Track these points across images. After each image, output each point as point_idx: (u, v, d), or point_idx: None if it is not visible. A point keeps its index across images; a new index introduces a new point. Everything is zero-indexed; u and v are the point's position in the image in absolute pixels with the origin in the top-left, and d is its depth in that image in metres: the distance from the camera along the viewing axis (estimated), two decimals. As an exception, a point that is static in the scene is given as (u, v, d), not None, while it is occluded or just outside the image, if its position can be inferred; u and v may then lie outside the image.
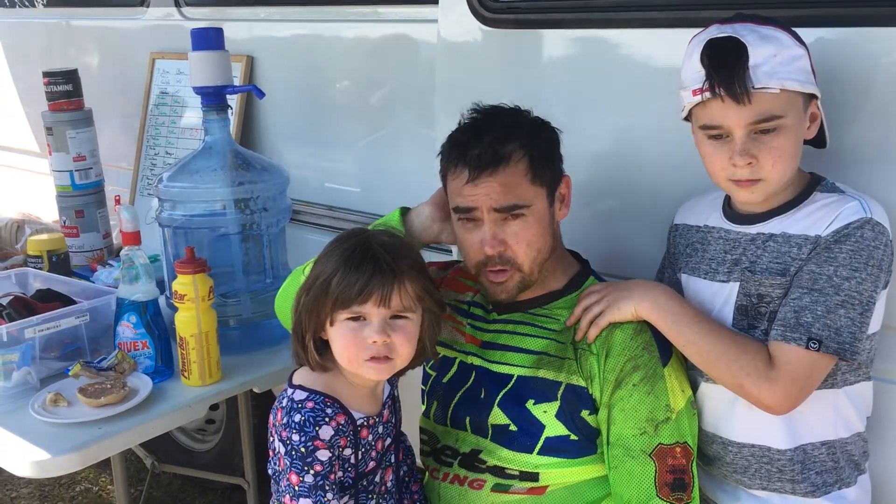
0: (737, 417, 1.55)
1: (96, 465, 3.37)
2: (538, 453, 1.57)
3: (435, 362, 1.75)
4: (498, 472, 1.61)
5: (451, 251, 2.19)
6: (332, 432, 1.43)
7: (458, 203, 1.59)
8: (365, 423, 1.50)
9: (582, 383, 1.56)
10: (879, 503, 1.62)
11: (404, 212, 1.75)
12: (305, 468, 1.40)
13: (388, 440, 1.57)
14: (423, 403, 1.78)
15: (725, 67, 1.39)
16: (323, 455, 1.41)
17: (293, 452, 1.41)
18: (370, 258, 1.44)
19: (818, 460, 1.52)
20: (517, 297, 1.65)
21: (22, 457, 1.69)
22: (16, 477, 2.95)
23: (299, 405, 1.44)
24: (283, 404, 1.46)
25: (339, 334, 1.46)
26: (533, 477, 1.58)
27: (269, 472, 1.49)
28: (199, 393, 1.93)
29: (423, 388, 1.78)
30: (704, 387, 1.58)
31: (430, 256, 2.05)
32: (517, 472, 1.59)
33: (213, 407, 3.17)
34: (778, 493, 1.55)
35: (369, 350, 1.44)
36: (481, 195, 1.55)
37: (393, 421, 1.60)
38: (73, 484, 3.43)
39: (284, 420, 1.44)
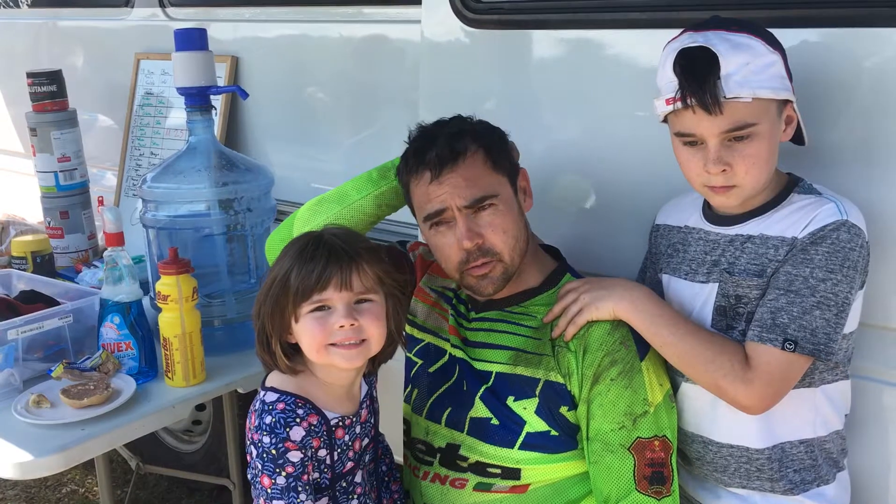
0: (716, 417, 1.55)
1: (82, 467, 3.36)
2: (519, 448, 1.57)
3: (419, 349, 1.76)
4: (479, 469, 1.61)
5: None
6: (304, 433, 1.42)
7: (427, 209, 1.60)
8: (340, 424, 1.49)
9: (560, 380, 1.57)
10: (859, 500, 1.63)
11: None
12: (277, 470, 1.40)
13: (367, 440, 1.57)
14: (404, 390, 1.79)
15: (697, 78, 1.39)
16: (294, 456, 1.40)
17: (264, 455, 1.41)
18: (324, 246, 1.45)
19: (796, 458, 1.53)
20: (495, 295, 1.66)
21: (5, 458, 1.69)
22: (1, 479, 2.95)
23: (270, 407, 1.43)
24: (256, 407, 1.46)
25: (306, 327, 1.45)
26: (514, 474, 1.58)
27: (249, 477, 1.47)
28: (182, 394, 1.93)
29: (407, 374, 1.79)
30: (685, 387, 1.59)
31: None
32: (499, 470, 1.59)
33: (200, 408, 3.17)
34: (758, 492, 1.56)
35: (337, 336, 1.44)
36: (447, 192, 1.57)
37: (372, 421, 1.59)
38: (59, 486, 3.42)
39: (256, 422, 1.43)
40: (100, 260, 2.68)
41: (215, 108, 2.24)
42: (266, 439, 1.40)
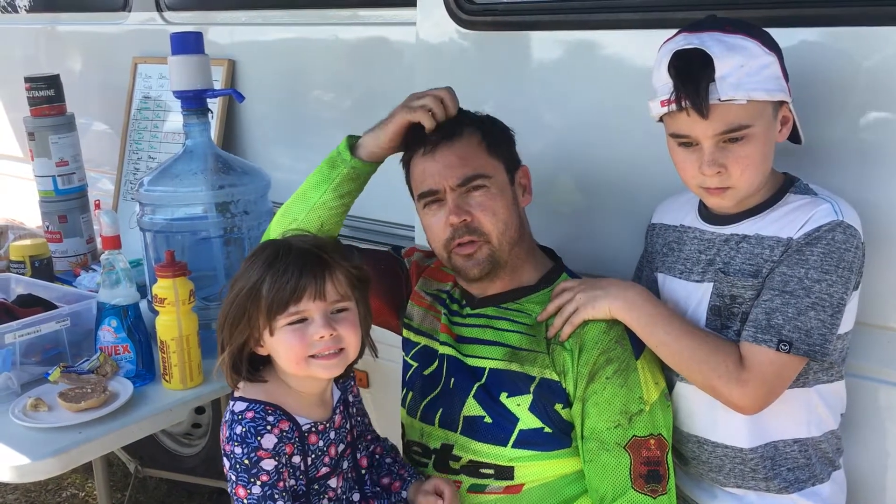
0: (711, 417, 1.56)
1: (83, 471, 3.36)
2: (512, 446, 1.57)
3: (416, 352, 1.76)
4: (472, 470, 1.61)
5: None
6: (276, 440, 1.39)
7: (421, 188, 1.63)
8: (313, 429, 1.47)
9: (555, 377, 1.57)
10: (855, 498, 1.63)
11: (352, 140, 1.75)
12: (252, 479, 1.37)
13: (342, 446, 1.54)
14: (401, 393, 1.79)
15: (691, 81, 1.39)
16: (268, 465, 1.38)
17: (237, 466, 1.38)
18: (295, 255, 1.42)
19: (789, 457, 1.53)
20: (489, 289, 1.67)
21: (2, 462, 1.69)
22: (2, 483, 2.95)
23: (239, 416, 1.41)
24: (227, 418, 1.43)
25: (283, 340, 1.41)
26: (508, 473, 1.58)
27: (229, 489, 1.44)
28: (180, 396, 1.93)
29: (404, 378, 1.79)
30: (680, 387, 1.59)
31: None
32: (492, 470, 1.59)
33: (199, 411, 3.17)
34: (753, 491, 1.56)
35: (317, 347, 1.41)
36: (440, 170, 1.60)
37: (347, 427, 1.57)
38: (59, 490, 3.43)
39: (227, 433, 1.40)
40: (98, 264, 2.68)
41: (212, 112, 2.25)
42: (238, 450, 1.38)
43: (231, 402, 1.46)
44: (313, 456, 1.46)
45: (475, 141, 1.62)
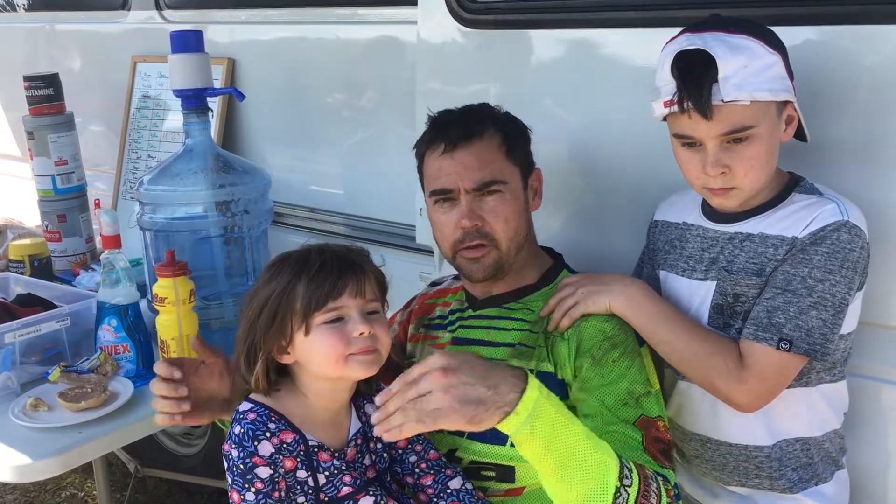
0: (715, 416, 1.55)
1: (82, 471, 3.36)
2: (511, 444, 1.55)
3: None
4: (474, 472, 1.59)
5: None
6: (273, 450, 1.35)
7: (435, 185, 1.61)
8: (320, 448, 1.42)
9: (550, 369, 1.56)
10: (858, 497, 1.63)
11: None
12: (246, 486, 1.34)
13: (361, 481, 1.45)
14: None
15: (694, 82, 1.37)
16: (263, 472, 1.34)
17: (234, 469, 1.34)
18: (331, 255, 1.41)
19: (794, 456, 1.53)
20: (492, 290, 1.66)
21: (2, 462, 1.68)
22: (1, 483, 2.94)
23: (241, 416, 1.38)
24: (233, 416, 1.41)
25: (320, 338, 1.38)
26: (509, 475, 1.57)
27: (228, 489, 1.42)
28: (180, 396, 1.92)
29: None
30: (682, 385, 1.59)
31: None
32: (493, 472, 1.58)
33: (199, 411, 3.16)
34: (757, 490, 1.56)
35: (356, 344, 1.38)
36: (458, 170, 1.57)
37: (364, 462, 1.48)
38: (58, 489, 3.42)
39: (229, 432, 1.38)
40: (97, 263, 2.67)
41: (212, 111, 2.24)
42: (234, 453, 1.35)
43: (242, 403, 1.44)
44: (327, 473, 1.41)
45: (496, 143, 1.60)
